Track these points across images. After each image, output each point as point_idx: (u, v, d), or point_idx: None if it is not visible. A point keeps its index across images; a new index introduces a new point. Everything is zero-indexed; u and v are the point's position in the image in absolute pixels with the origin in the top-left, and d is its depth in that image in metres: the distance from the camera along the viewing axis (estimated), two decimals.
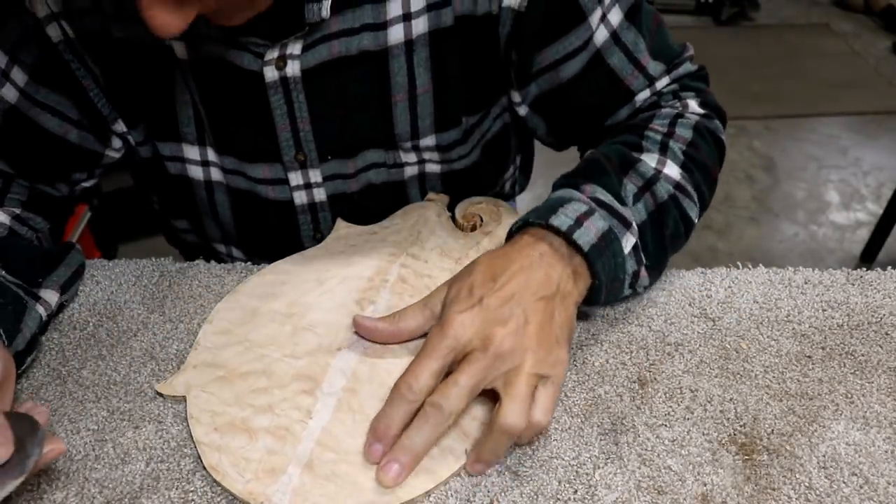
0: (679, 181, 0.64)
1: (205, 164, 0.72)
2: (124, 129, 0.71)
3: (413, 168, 0.74)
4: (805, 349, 0.62)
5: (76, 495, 0.50)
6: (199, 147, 0.70)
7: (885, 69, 3.02)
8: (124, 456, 0.53)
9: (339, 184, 0.73)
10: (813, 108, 2.75)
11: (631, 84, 0.69)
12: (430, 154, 0.73)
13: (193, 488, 0.51)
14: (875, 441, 0.55)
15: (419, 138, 0.71)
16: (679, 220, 0.64)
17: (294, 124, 0.68)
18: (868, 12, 3.44)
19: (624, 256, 0.59)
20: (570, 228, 0.56)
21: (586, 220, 0.57)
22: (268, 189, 0.72)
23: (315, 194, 0.73)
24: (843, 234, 2.19)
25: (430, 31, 0.65)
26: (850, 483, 0.52)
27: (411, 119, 0.69)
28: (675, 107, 0.70)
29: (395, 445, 0.50)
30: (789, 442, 0.55)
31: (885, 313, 0.65)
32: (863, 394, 0.58)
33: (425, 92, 0.68)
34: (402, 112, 0.69)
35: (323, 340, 0.59)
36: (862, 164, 2.48)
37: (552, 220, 0.57)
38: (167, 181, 0.73)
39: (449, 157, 0.74)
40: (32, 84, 0.65)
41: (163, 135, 0.70)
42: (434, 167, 0.75)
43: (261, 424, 0.53)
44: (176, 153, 0.71)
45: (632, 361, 0.60)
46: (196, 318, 0.64)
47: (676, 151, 0.65)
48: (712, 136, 0.69)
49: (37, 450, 0.46)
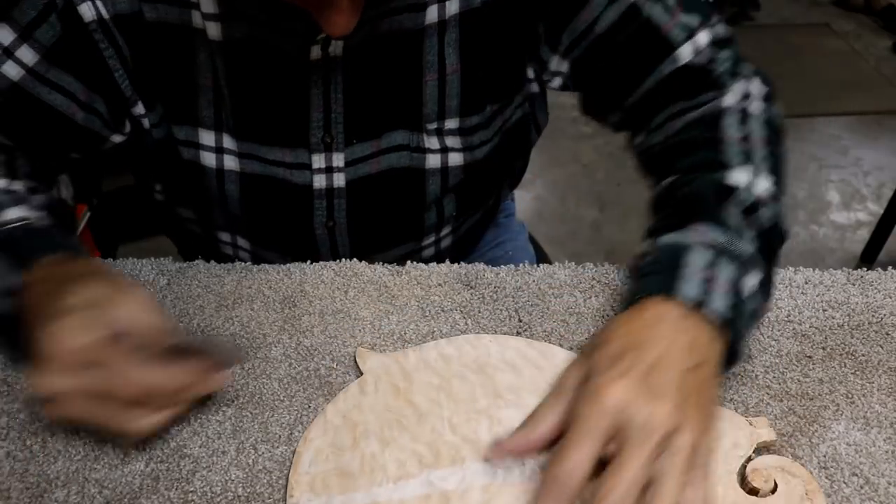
0: (773, 191, 0.62)
1: (218, 151, 0.71)
2: (142, 111, 0.71)
3: (436, 157, 0.74)
4: (805, 349, 0.62)
5: (76, 495, 0.50)
6: (214, 133, 0.70)
7: (886, 69, 3.02)
8: (124, 456, 0.53)
9: (359, 167, 0.72)
10: (813, 107, 2.74)
11: (669, 32, 0.67)
12: (452, 140, 0.73)
13: (193, 488, 0.51)
14: (876, 441, 0.55)
15: (444, 119, 0.72)
16: (781, 235, 0.62)
17: (327, 104, 0.68)
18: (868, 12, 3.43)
19: (756, 295, 0.56)
20: (701, 297, 0.53)
21: (713, 277, 0.54)
22: (286, 172, 0.72)
23: (335, 179, 0.73)
24: (843, 234, 2.19)
25: (461, 11, 0.66)
26: (850, 483, 0.52)
27: (439, 99, 0.70)
28: (738, 93, 0.68)
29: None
30: (790, 442, 0.54)
31: (885, 313, 0.65)
32: (863, 394, 0.58)
33: (454, 72, 0.69)
34: (432, 91, 0.70)
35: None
36: (862, 163, 2.47)
37: (679, 291, 0.53)
38: (177, 167, 0.73)
39: (471, 141, 0.74)
40: (44, 63, 0.64)
41: (180, 118, 0.70)
42: (457, 157, 0.74)
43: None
44: (191, 137, 0.71)
45: None
46: (195, 318, 0.64)
47: (760, 158, 0.63)
48: (781, 124, 0.68)
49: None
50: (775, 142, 0.66)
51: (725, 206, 0.60)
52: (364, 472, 0.52)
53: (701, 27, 0.68)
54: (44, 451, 0.53)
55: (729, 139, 0.65)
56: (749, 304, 0.55)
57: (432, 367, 0.59)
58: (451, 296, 0.67)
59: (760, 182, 0.62)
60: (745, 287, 0.56)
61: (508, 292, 0.67)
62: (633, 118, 0.74)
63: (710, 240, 0.57)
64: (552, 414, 0.50)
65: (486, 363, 0.59)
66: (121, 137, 0.72)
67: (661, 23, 0.67)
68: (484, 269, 0.70)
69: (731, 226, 0.58)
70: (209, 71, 0.67)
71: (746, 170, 0.62)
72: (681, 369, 0.49)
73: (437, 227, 0.80)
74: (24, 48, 0.63)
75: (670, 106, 0.70)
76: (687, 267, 0.55)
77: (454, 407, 0.56)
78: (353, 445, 0.53)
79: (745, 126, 0.66)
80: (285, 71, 0.66)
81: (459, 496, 0.50)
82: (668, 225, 0.60)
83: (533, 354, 0.60)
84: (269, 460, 0.53)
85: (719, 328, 0.53)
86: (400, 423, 0.55)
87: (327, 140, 0.70)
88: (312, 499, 0.50)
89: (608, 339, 0.51)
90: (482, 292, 0.67)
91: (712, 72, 0.68)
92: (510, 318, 0.65)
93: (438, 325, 0.64)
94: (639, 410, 0.46)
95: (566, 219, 0.68)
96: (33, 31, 0.63)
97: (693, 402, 0.48)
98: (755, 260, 0.57)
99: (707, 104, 0.68)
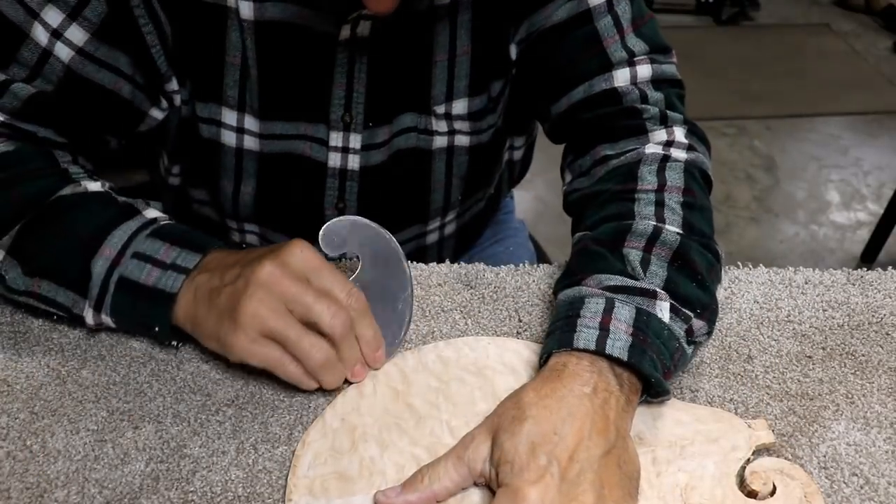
0: (682, 229, 0.62)
1: (239, 131, 0.72)
2: (175, 87, 0.71)
3: (442, 139, 0.75)
4: (805, 349, 0.62)
5: (76, 495, 0.50)
6: (237, 112, 0.71)
7: (886, 69, 3.02)
8: (124, 456, 0.53)
9: (372, 154, 0.74)
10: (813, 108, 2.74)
11: (608, 47, 0.69)
12: (460, 124, 0.74)
13: (193, 488, 0.51)
14: (875, 441, 0.55)
15: (452, 100, 0.73)
16: (703, 250, 0.61)
17: (350, 83, 0.69)
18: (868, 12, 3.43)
19: (667, 326, 0.55)
20: (599, 342, 0.53)
21: (610, 319, 0.54)
22: (304, 145, 0.73)
23: (349, 160, 0.74)
24: (843, 234, 2.19)
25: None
26: (850, 483, 0.52)
27: (448, 80, 0.71)
28: (660, 141, 0.68)
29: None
30: (790, 442, 0.54)
31: (885, 313, 0.65)
32: (863, 394, 0.58)
33: (464, 54, 0.70)
34: (441, 72, 0.71)
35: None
36: (862, 163, 2.47)
37: (577, 343, 0.53)
38: (197, 144, 0.74)
39: (479, 126, 0.75)
40: (94, 41, 0.64)
41: (205, 95, 0.71)
42: (463, 139, 0.76)
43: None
44: (214, 115, 0.72)
45: None
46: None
47: (673, 205, 0.63)
48: (702, 174, 0.68)
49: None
50: (694, 192, 0.65)
51: (620, 247, 0.59)
52: (363, 475, 0.52)
53: (646, 58, 0.69)
54: (44, 451, 0.53)
55: (642, 188, 0.64)
56: (659, 336, 0.54)
57: (431, 369, 0.59)
58: (451, 296, 0.67)
59: (668, 225, 0.61)
60: (653, 319, 0.55)
61: (508, 292, 0.67)
62: (561, 132, 0.75)
63: (606, 286, 0.57)
64: (449, 479, 0.50)
65: (485, 366, 0.59)
66: (160, 112, 0.73)
67: (605, 35, 0.69)
68: (484, 269, 0.70)
69: (626, 269, 0.58)
70: (238, 50, 0.68)
71: (653, 217, 0.62)
72: (596, 456, 0.48)
73: (442, 210, 0.81)
74: (74, 28, 0.63)
75: (596, 147, 0.70)
76: (582, 317, 0.54)
77: (453, 410, 0.56)
78: (352, 448, 0.53)
79: (661, 174, 0.65)
80: (313, 50, 0.67)
81: (457, 500, 0.50)
82: (567, 283, 0.59)
83: (532, 357, 0.60)
84: (269, 460, 0.53)
85: (629, 374, 0.53)
86: (398, 426, 0.55)
87: (346, 119, 0.71)
88: (311, 502, 0.50)
89: (524, 418, 0.50)
90: (482, 292, 0.67)
91: (641, 113, 0.69)
92: (510, 318, 0.65)
93: (438, 325, 0.64)
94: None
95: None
96: (83, 8, 0.63)
97: (612, 484, 0.48)
98: (664, 291, 0.56)
99: (629, 152, 0.68)
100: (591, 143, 0.71)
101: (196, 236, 0.60)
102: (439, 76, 0.71)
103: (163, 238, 0.59)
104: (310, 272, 0.56)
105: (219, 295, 0.55)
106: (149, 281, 0.57)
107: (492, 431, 0.51)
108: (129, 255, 0.58)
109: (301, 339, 0.54)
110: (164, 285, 0.57)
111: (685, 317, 0.56)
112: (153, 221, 0.61)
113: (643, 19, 0.71)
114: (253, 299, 0.54)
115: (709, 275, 0.60)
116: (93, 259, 0.58)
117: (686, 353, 0.57)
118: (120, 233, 0.59)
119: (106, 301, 0.58)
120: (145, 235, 0.59)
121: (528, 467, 0.47)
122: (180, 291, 0.57)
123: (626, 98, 0.69)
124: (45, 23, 0.62)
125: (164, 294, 0.57)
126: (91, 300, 0.58)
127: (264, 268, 0.55)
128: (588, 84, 0.70)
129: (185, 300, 0.57)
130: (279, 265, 0.55)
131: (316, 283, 0.56)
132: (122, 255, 0.58)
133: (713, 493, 0.50)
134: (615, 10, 0.69)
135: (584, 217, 0.67)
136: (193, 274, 0.57)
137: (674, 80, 0.72)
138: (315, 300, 0.55)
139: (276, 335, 0.54)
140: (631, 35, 0.69)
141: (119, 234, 0.59)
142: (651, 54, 0.70)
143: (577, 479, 0.48)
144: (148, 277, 0.57)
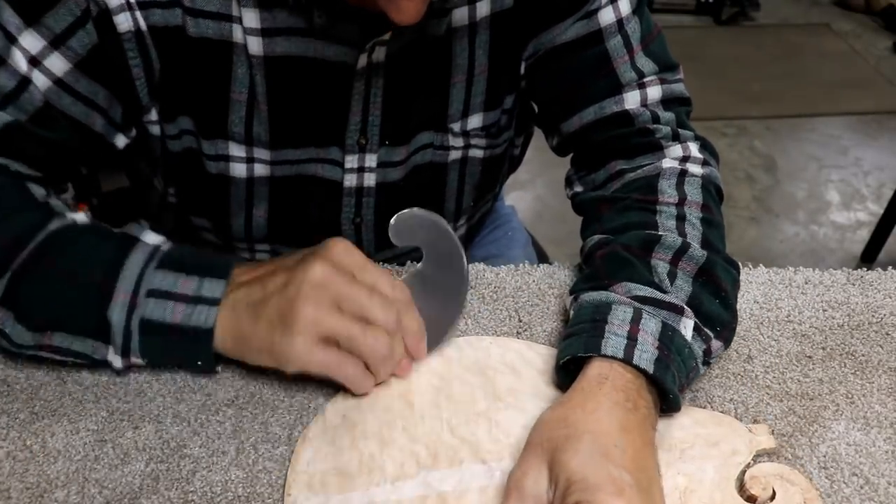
0: (702, 245, 0.62)
1: (249, 161, 0.71)
2: (154, 118, 0.69)
3: (457, 152, 0.75)
4: (805, 349, 0.62)
5: (76, 495, 0.50)
6: (245, 146, 0.70)
7: (886, 69, 3.02)
8: (124, 456, 0.53)
9: (389, 171, 0.73)
10: (813, 108, 2.74)
11: (618, 68, 0.69)
12: (477, 139, 0.75)
13: (193, 488, 0.51)
14: (876, 441, 0.55)
15: (468, 116, 0.73)
16: (727, 266, 0.61)
17: (366, 109, 0.69)
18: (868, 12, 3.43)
19: (689, 344, 0.55)
20: (627, 351, 0.53)
21: (638, 330, 0.54)
22: (318, 168, 0.72)
23: (366, 178, 0.73)
24: (843, 234, 2.19)
25: (493, 13, 0.67)
26: (850, 483, 0.52)
27: (465, 98, 0.71)
28: (676, 156, 0.69)
29: None
30: (790, 442, 0.54)
31: (885, 313, 0.65)
32: (863, 394, 0.58)
33: (482, 73, 0.70)
34: (459, 92, 0.71)
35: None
36: (862, 163, 2.47)
37: (605, 349, 0.53)
38: (200, 178, 0.72)
39: (494, 139, 0.76)
40: (74, 72, 0.61)
41: (210, 133, 0.69)
42: (478, 152, 0.76)
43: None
44: (221, 151, 0.70)
45: None
46: None
47: (694, 221, 0.63)
48: (717, 190, 0.69)
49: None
50: (711, 208, 0.66)
51: (648, 258, 0.59)
52: (362, 472, 0.52)
53: (656, 78, 0.70)
54: (44, 451, 0.53)
55: (664, 201, 0.65)
56: (681, 353, 0.55)
57: (432, 368, 0.59)
58: None
59: (691, 239, 0.62)
60: (678, 335, 0.55)
61: (508, 292, 0.67)
62: (570, 149, 0.75)
63: (634, 295, 0.57)
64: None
65: (487, 365, 0.59)
66: (124, 140, 0.70)
67: (615, 56, 0.69)
68: (484, 269, 0.70)
69: (654, 280, 0.58)
70: (244, 86, 0.66)
71: (675, 229, 0.62)
72: (651, 466, 0.50)
73: (455, 215, 0.81)
74: (55, 56, 0.60)
75: (610, 162, 0.71)
76: (610, 324, 0.54)
77: (453, 408, 0.56)
78: (352, 445, 0.53)
79: (681, 188, 0.66)
80: (327, 81, 0.66)
81: (456, 498, 0.50)
82: (593, 286, 0.59)
83: (534, 357, 0.60)
84: (269, 460, 0.53)
85: (647, 380, 0.53)
86: (399, 423, 0.55)
87: (362, 142, 0.71)
88: (310, 497, 0.50)
89: (576, 435, 0.49)
90: (482, 292, 0.67)
91: (654, 132, 0.69)
92: (510, 318, 0.65)
93: None
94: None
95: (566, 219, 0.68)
96: (68, 38, 0.60)
97: (662, 492, 0.49)
98: (688, 307, 0.57)
99: (646, 166, 0.68)
100: (605, 159, 0.71)
101: (208, 261, 0.58)
102: (456, 95, 0.71)
103: (175, 269, 0.56)
104: (355, 269, 0.56)
105: (265, 306, 0.54)
106: (176, 319, 0.55)
107: (545, 456, 0.49)
108: (143, 293, 0.55)
109: (365, 335, 0.54)
110: (196, 321, 0.55)
111: (706, 336, 0.57)
112: (156, 250, 0.58)
113: (652, 36, 0.71)
114: (308, 302, 0.53)
115: (733, 291, 0.61)
116: (109, 306, 0.55)
117: (699, 373, 0.57)
118: (128, 272, 0.56)
119: (132, 346, 0.56)
120: (154, 269, 0.56)
121: (604, 481, 0.46)
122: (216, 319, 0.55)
123: (638, 119, 0.70)
124: (24, 48, 0.59)
125: (200, 330, 0.55)
126: (116, 347, 0.56)
127: (315, 269, 0.54)
128: (598, 106, 0.70)
129: (224, 324, 0.55)
130: (330, 265, 0.54)
131: (362, 279, 0.56)
132: (137, 296, 0.55)
133: (712, 497, 0.50)
134: (625, 28, 0.69)
135: (603, 220, 0.67)
136: (225, 293, 0.56)
137: (682, 98, 0.73)
138: (368, 296, 0.54)
139: (338, 334, 0.53)
140: (640, 54, 0.70)
141: (128, 273, 0.56)
142: (660, 73, 0.71)
143: (649, 488, 0.48)
144: (175, 315, 0.55)
